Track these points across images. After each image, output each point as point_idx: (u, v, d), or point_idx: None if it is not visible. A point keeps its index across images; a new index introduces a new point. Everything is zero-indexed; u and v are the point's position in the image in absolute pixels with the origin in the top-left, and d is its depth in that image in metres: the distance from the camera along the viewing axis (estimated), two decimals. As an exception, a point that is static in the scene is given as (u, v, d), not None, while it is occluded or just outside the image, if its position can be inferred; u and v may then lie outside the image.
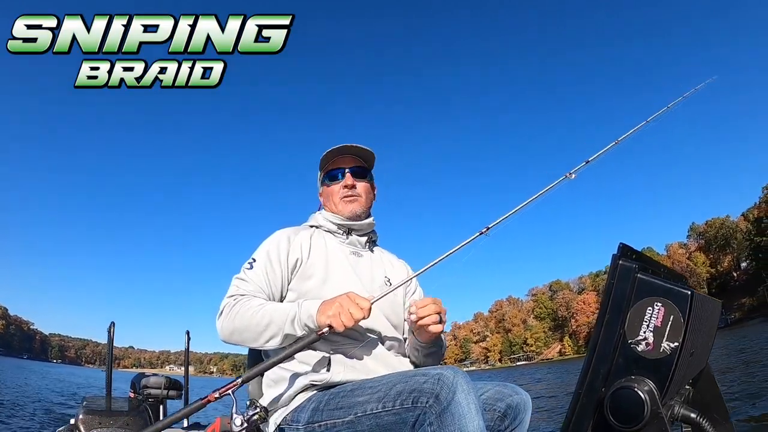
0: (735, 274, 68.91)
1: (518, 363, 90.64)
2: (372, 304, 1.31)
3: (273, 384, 1.44)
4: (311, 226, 1.67)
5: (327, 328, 1.28)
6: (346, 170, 1.64)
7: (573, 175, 1.47)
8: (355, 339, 1.44)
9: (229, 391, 1.23)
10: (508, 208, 1.41)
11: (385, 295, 1.38)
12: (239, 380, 1.26)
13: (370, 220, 1.67)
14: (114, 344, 3.69)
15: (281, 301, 1.51)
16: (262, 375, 1.51)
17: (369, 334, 1.47)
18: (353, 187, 1.62)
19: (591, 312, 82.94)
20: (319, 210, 1.73)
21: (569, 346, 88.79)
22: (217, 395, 1.23)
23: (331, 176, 1.66)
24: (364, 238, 1.67)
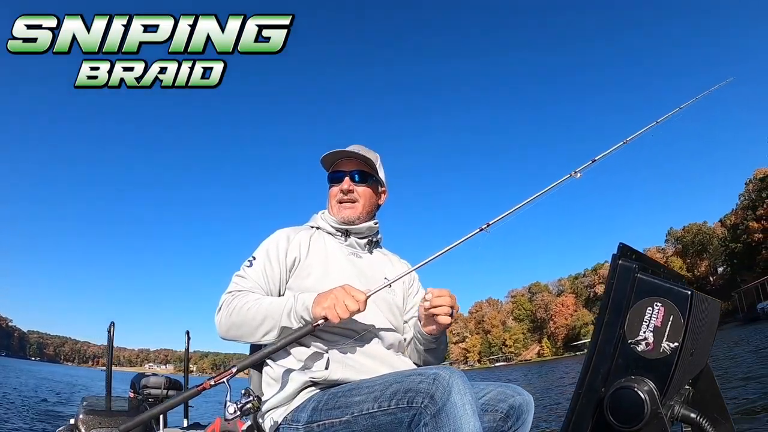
0: (711, 279, 70.05)
1: (497, 364, 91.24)
2: (368, 297, 1.32)
3: (273, 382, 1.44)
4: (312, 227, 1.67)
5: (322, 320, 1.29)
6: (346, 174, 1.64)
7: (579, 174, 1.47)
8: (353, 338, 1.44)
9: (224, 379, 1.24)
10: (512, 205, 1.41)
11: (381, 288, 1.38)
12: (234, 369, 1.26)
13: (370, 223, 1.66)
14: (93, 342, 3.68)
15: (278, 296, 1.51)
16: (260, 369, 1.54)
17: (368, 333, 1.48)
18: (350, 191, 1.62)
19: (569, 314, 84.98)
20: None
21: (548, 347, 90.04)
22: (212, 383, 1.24)
23: (332, 178, 1.66)
24: (364, 240, 1.67)
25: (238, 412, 1.21)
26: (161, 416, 3.15)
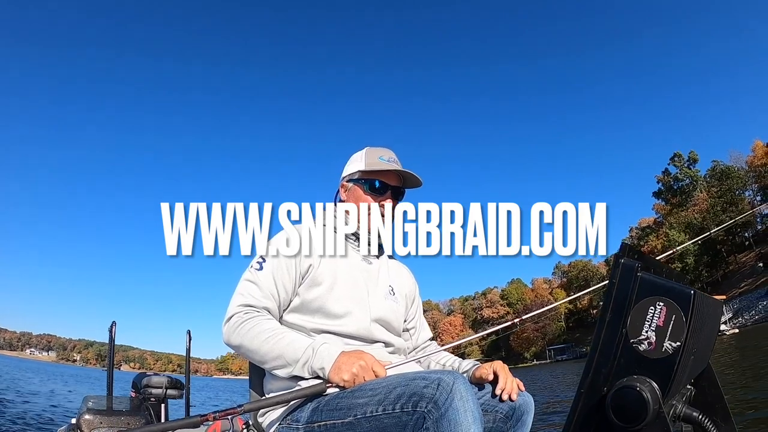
0: (592, 312, 75.27)
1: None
2: (387, 369, 1.31)
3: (275, 381, 1.44)
4: (323, 225, 1.60)
5: (336, 387, 1.28)
6: (389, 189, 1.59)
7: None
8: (357, 344, 1.44)
9: (228, 417, 1.26)
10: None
11: (400, 365, 1.38)
12: (240, 408, 1.26)
13: None
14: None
15: (288, 304, 1.48)
16: (261, 368, 1.51)
17: (371, 337, 1.48)
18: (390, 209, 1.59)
19: (456, 333, 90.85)
20: (335, 202, 1.67)
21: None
22: (216, 416, 1.26)
23: (371, 185, 1.59)
24: (375, 244, 1.62)
25: None
26: (162, 416, 3.16)
